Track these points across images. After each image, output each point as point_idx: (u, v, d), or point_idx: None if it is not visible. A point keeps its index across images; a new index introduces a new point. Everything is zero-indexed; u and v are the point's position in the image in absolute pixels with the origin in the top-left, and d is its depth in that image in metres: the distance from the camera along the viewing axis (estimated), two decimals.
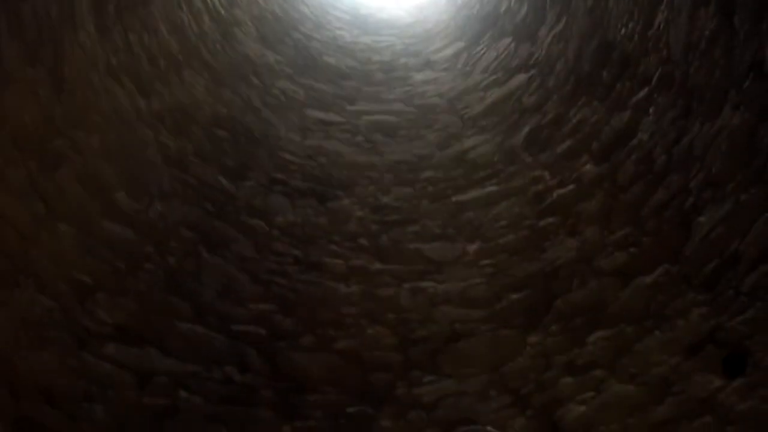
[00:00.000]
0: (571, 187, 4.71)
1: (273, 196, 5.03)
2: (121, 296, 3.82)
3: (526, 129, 5.31)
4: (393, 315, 4.53)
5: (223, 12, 6.15)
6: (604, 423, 3.90)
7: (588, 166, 4.64)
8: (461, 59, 7.06)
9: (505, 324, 4.51)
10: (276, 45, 6.77)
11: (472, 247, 4.93)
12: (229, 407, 3.59)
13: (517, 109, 5.58)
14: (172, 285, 4.05)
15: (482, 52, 6.79)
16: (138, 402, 3.32)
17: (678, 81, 4.08)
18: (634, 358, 4.01)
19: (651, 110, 4.21)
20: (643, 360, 3.96)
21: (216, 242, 4.54)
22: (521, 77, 5.91)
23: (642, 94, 4.32)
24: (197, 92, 5.29)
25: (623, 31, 4.62)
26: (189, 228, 4.33)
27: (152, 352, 3.57)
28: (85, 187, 3.97)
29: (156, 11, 4.98)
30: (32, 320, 3.40)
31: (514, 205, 5.00)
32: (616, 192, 4.35)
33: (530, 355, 4.35)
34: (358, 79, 7.03)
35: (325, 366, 4.17)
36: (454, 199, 5.32)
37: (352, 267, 4.76)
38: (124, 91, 4.50)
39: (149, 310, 3.72)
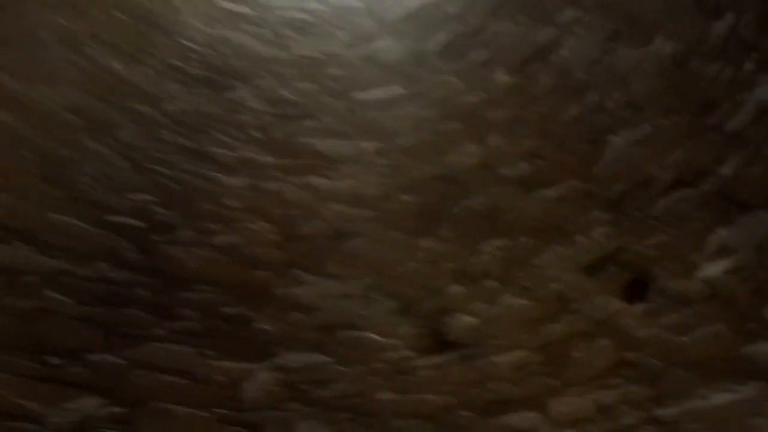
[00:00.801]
0: (481, 95, 4.45)
1: (167, 82, 4.36)
2: None
3: (443, 36, 4.95)
4: (278, 210, 4.12)
5: None
6: (495, 337, 3.80)
7: (502, 77, 4.40)
8: None
9: (395, 226, 4.25)
10: None
11: (369, 146, 4.57)
12: (101, 308, 3.10)
13: (439, 17, 5.17)
14: (48, 173, 3.41)
15: None
16: (2, 304, 2.77)
17: (612, 5, 3.90)
18: (530, 272, 3.91)
19: (578, 29, 4.00)
20: (540, 274, 3.88)
21: (100, 128, 3.88)
22: None
23: (570, 12, 4.10)
24: None
25: None
26: (72, 112, 3.63)
27: (21, 247, 2.96)
28: None
29: None
30: None
31: (419, 108, 4.67)
32: (528, 104, 4.15)
33: (420, 261, 4.14)
34: None
35: (204, 262, 3.74)
36: (356, 97, 4.90)
37: (241, 159, 4.26)
38: None
39: (20, 200, 3.08)
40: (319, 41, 5.51)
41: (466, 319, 3.92)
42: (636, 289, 3.55)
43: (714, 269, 3.28)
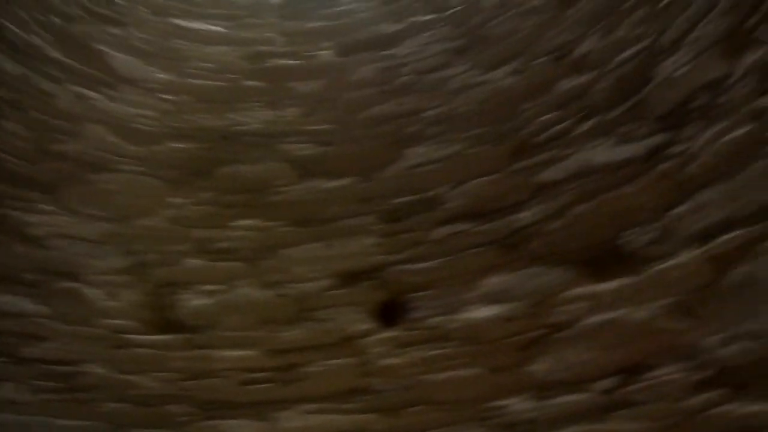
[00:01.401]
0: (302, 63, 4.00)
1: None
2: None
3: None
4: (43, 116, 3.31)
5: None
6: (226, 327, 3.30)
7: (328, 51, 4.01)
8: None
9: (155, 172, 3.59)
10: None
11: (162, 77, 3.87)
12: None
13: None
14: None
15: None
16: None
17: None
18: (281, 264, 3.47)
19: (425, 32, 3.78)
20: (292, 269, 3.46)
21: None
22: None
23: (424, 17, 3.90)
24: None
25: None
26: None
27: None
28: None
29: None
30: None
31: (230, 54, 4.08)
32: (345, 87, 3.80)
33: (167, 219, 3.53)
34: None
35: None
36: (173, 21, 4.17)
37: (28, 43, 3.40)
38: None
39: None
40: None
41: (200, 300, 3.39)
42: (391, 312, 3.27)
43: (481, 312, 3.11)
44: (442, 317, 3.15)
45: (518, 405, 2.78)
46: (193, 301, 3.35)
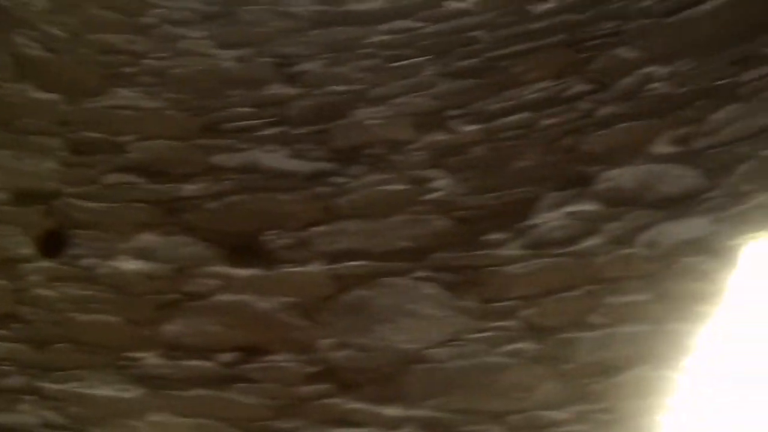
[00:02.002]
0: None
1: None
2: None
3: None
4: None
5: None
6: None
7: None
8: None
9: None
10: None
11: None
12: None
13: None
14: None
15: None
16: None
17: None
18: None
19: None
20: None
21: None
22: None
23: None
24: None
25: None
26: None
27: None
28: None
29: None
30: None
31: None
32: None
33: None
34: None
35: None
36: None
37: None
38: None
39: None
40: None
41: None
42: (54, 243, 3.39)
43: (129, 265, 3.33)
44: (96, 260, 3.34)
45: (151, 360, 3.14)
46: None
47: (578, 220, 3.03)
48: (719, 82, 3.09)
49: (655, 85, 3.16)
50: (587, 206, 3.04)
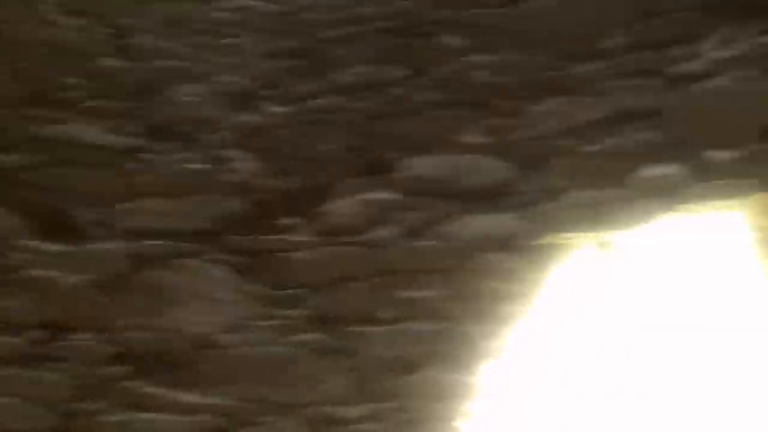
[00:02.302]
0: None
1: None
2: None
3: None
4: None
5: None
6: None
7: None
8: None
9: None
10: None
11: None
12: None
13: None
14: None
15: None
16: None
17: None
18: None
19: None
20: None
21: None
22: None
23: None
24: None
25: None
26: None
27: None
28: None
29: None
30: None
31: None
32: None
33: None
34: None
35: None
36: None
37: None
38: None
39: None
40: None
41: None
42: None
43: None
44: None
45: None
46: None
47: (374, 209, 2.93)
48: (546, 75, 3.01)
49: (477, 73, 3.06)
50: (385, 194, 2.94)
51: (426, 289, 2.82)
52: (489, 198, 2.86)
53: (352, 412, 2.82)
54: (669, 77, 3.00)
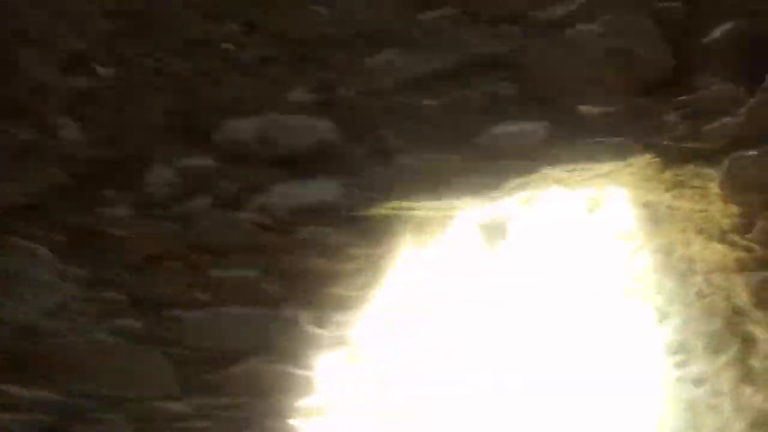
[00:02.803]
0: None
1: None
2: None
3: None
4: None
5: None
6: None
7: None
8: None
9: None
10: None
11: None
12: None
13: None
14: None
15: None
16: None
17: None
18: None
19: None
20: None
21: None
22: None
23: None
24: None
25: None
26: None
27: None
28: None
29: None
30: None
31: None
32: None
33: None
34: None
35: None
36: None
37: None
38: None
39: None
40: None
41: None
42: None
43: None
44: None
45: None
46: None
47: (189, 178, 2.63)
48: (386, 24, 2.65)
49: (313, 26, 2.72)
50: (200, 161, 2.63)
51: (241, 267, 2.52)
52: (313, 163, 2.53)
53: (178, 407, 2.57)
54: (528, 23, 2.59)
